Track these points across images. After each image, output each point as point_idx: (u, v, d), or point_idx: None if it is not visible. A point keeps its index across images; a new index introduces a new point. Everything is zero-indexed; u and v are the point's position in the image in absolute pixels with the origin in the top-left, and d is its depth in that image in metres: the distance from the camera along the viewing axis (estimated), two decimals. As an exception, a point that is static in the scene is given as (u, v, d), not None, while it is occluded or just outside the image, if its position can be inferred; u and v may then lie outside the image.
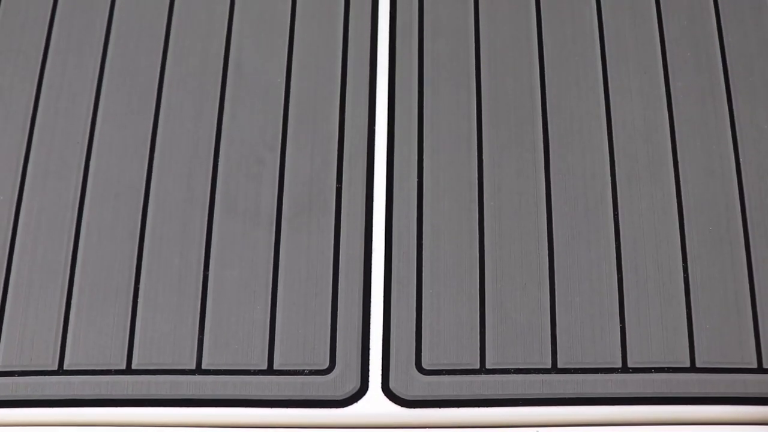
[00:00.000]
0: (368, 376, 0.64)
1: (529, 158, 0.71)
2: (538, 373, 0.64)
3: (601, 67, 0.74)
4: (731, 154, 0.71)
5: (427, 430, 0.63)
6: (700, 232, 0.68)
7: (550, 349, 0.65)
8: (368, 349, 0.65)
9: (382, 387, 0.64)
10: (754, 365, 0.64)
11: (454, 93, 0.73)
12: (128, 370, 0.65)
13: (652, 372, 0.64)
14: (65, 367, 0.65)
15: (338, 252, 0.68)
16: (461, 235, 0.69)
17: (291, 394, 0.64)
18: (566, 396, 0.63)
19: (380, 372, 0.64)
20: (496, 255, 0.68)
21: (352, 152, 0.72)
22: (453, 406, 0.63)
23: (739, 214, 0.68)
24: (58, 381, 0.64)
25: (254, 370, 0.64)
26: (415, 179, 0.71)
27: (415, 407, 0.63)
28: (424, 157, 0.71)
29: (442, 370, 0.64)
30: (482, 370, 0.64)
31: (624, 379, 0.63)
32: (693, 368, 0.64)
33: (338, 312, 0.66)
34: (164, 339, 0.66)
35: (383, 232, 0.69)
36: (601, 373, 0.64)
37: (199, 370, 0.65)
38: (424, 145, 0.72)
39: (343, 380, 0.64)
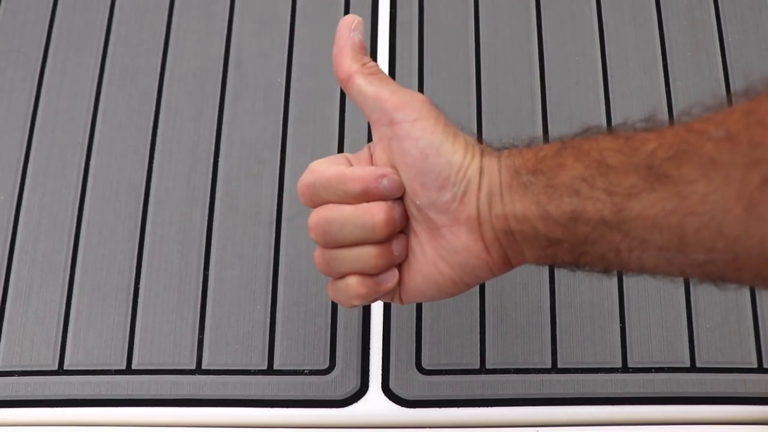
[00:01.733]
0: (368, 376, 0.64)
1: (529, 158, 0.71)
2: (538, 373, 0.64)
3: (601, 67, 0.74)
4: (731, 154, 0.70)
5: (427, 430, 0.63)
6: (700, 232, 0.68)
7: (550, 348, 0.65)
8: (368, 349, 0.65)
9: (382, 387, 0.64)
10: (754, 365, 0.64)
11: (454, 93, 0.73)
12: (128, 370, 0.65)
13: (652, 372, 0.64)
14: (65, 367, 0.65)
15: (338, 252, 0.68)
16: (461, 235, 0.68)
17: (291, 394, 0.64)
18: (566, 396, 0.63)
19: (380, 372, 0.64)
20: (496, 255, 0.68)
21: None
22: (453, 406, 0.63)
23: (739, 214, 0.68)
24: (58, 381, 0.64)
25: (254, 370, 0.64)
26: (415, 179, 0.71)
27: (415, 407, 0.63)
28: (424, 157, 0.71)
29: (442, 370, 0.64)
30: (482, 370, 0.64)
31: (624, 379, 0.64)
32: (693, 368, 0.64)
33: (338, 312, 0.66)
34: (164, 339, 0.66)
35: (383, 232, 0.69)
36: (601, 373, 0.64)
37: (199, 370, 0.65)
38: (424, 145, 0.72)
39: (343, 380, 0.64)
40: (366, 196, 0.46)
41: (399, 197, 0.47)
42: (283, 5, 0.78)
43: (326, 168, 0.47)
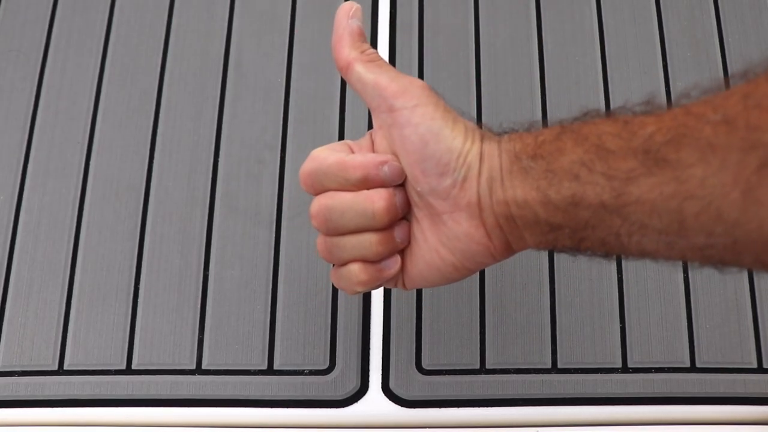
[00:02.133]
0: (368, 376, 0.64)
1: (529, 158, 0.71)
2: (538, 373, 0.64)
3: (601, 67, 0.74)
4: (731, 154, 0.70)
5: (427, 430, 0.63)
6: (700, 232, 0.68)
7: (550, 348, 0.65)
8: (368, 349, 0.65)
9: (382, 387, 0.64)
10: (754, 365, 0.64)
11: (454, 93, 0.73)
12: (128, 370, 0.65)
13: (652, 372, 0.64)
14: (65, 367, 0.65)
15: (338, 252, 0.68)
16: (461, 235, 0.68)
17: (291, 394, 0.64)
18: (566, 396, 0.63)
19: (380, 372, 0.64)
20: (496, 255, 0.68)
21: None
22: (453, 406, 0.63)
23: (739, 214, 0.68)
24: (58, 381, 0.64)
25: (254, 370, 0.64)
26: (415, 179, 0.71)
27: (415, 407, 0.63)
28: (424, 157, 0.71)
29: (442, 370, 0.64)
30: (482, 370, 0.64)
31: (624, 379, 0.64)
32: (693, 368, 0.64)
33: (338, 312, 0.66)
34: (164, 339, 0.66)
35: (383, 232, 0.69)
36: (601, 373, 0.64)
37: (199, 370, 0.65)
38: (424, 145, 0.72)
39: (343, 380, 0.64)
40: (367, 183, 0.46)
41: (400, 184, 0.46)
42: (283, 5, 0.78)
43: (327, 155, 0.47)
